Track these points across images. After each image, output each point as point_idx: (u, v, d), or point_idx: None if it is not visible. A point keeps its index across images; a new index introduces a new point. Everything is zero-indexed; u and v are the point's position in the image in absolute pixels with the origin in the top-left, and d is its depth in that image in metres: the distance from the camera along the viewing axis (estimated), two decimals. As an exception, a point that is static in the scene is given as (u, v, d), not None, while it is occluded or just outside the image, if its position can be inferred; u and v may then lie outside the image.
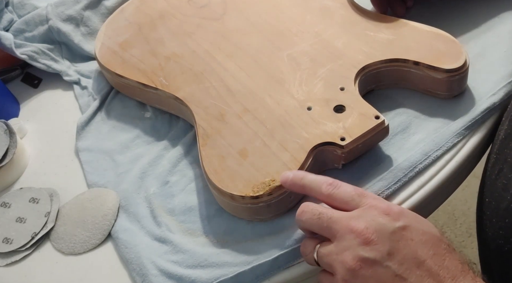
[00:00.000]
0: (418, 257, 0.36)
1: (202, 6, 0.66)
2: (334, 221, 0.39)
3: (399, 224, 0.37)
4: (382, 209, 0.38)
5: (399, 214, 0.38)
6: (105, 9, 0.72)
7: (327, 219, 0.39)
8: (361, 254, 0.36)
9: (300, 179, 0.43)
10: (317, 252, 0.40)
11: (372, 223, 0.37)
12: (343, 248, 0.37)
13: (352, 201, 0.40)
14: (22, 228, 0.53)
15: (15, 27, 0.72)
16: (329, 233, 0.39)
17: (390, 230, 0.37)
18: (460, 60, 0.50)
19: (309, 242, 0.41)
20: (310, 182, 0.43)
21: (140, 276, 0.47)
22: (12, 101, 0.68)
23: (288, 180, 0.44)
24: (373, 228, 0.37)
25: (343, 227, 0.38)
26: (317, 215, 0.40)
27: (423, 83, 0.52)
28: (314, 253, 0.40)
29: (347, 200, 0.40)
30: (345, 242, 0.37)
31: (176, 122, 0.59)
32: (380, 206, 0.39)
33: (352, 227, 0.37)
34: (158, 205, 0.52)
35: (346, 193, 0.40)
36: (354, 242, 0.37)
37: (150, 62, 0.60)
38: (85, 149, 0.60)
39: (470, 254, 1.34)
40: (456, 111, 0.51)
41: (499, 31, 0.57)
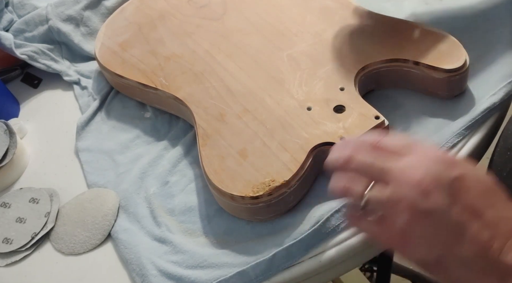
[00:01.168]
0: (477, 207, 0.35)
1: (202, 6, 0.66)
2: (388, 169, 0.37)
3: (457, 172, 0.36)
4: (437, 157, 0.36)
5: (455, 162, 0.36)
6: (105, 9, 0.72)
7: (381, 166, 0.37)
8: (419, 205, 0.35)
9: (348, 141, 0.42)
10: (370, 195, 0.37)
11: (429, 173, 0.35)
12: (399, 197, 0.36)
13: (403, 149, 0.38)
14: (22, 228, 0.53)
15: (15, 27, 0.72)
16: (383, 180, 0.37)
17: (448, 179, 0.35)
18: (460, 60, 0.50)
19: (360, 182, 0.38)
20: (357, 140, 0.40)
21: (139, 276, 0.47)
22: (12, 101, 0.68)
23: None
24: (430, 178, 0.35)
25: (398, 176, 0.36)
26: (371, 161, 0.38)
27: (423, 83, 0.52)
28: (364, 197, 0.38)
29: (398, 149, 0.38)
30: (402, 192, 0.36)
31: (176, 122, 0.59)
32: (435, 154, 0.37)
33: (408, 176, 0.36)
34: (158, 205, 0.52)
35: (396, 142, 0.39)
36: (411, 193, 0.35)
37: (150, 62, 0.60)
38: (85, 149, 0.60)
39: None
40: (456, 111, 0.51)
41: (499, 31, 0.57)
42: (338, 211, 0.46)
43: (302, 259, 0.45)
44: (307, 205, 0.48)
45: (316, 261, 0.45)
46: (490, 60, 0.54)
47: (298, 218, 0.47)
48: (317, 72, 0.53)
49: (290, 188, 0.46)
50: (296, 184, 0.46)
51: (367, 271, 1.16)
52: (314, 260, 0.45)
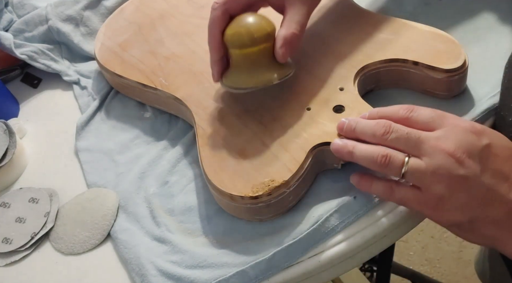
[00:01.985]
0: (504, 171, 0.39)
1: (201, 6, 0.66)
2: (422, 141, 0.40)
3: (485, 141, 0.39)
4: (467, 128, 0.40)
5: (483, 132, 0.40)
6: (104, 9, 0.72)
7: (416, 138, 0.40)
8: (455, 173, 0.39)
9: (376, 112, 0.45)
10: (408, 167, 0.40)
11: (461, 143, 0.39)
12: (436, 167, 0.39)
13: (433, 122, 0.41)
14: (21, 228, 0.53)
15: (15, 27, 0.72)
16: (418, 151, 0.40)
17: (478, 148, 0.39)
18: (459, 60, 0.50)
19: (398, 154, 0.41)
20: (385, 111, 0.44)
21: (139, 276, 0.47)
22: (12, 101, 0.68)
23: (367, 115, 0.46)
24: (463, 147, 0.39)
25: (432, 146, 0.40)
26: (406, 134, 0.41)
27: (422, 83, 0.52)
28: (404, 166, 0.41)
29: (428, 121, 0.41)
30: (437, 161, 0.39)
31: (175, 122, 0.59)
32: (464, 125, 0.40)
33: (443, 147, 0.39)
34: (157, 205, 0.52)
35: (426, 115, 0.42)
36: (447, 162, 0.39)
37: (149, 62, 0.61)
38: (85, 149, 0.60)
39: (470, 254, 1.34)
40: (455, 111, 0.51)
41: (499, 32, 0.57)
42: (337, 211, 0.46)
43: (301, 259, 0.45)
44: (306, 205, 0.48)
45: (316, 261, 0.45)
46: (490, 61, 0.54)
47: (297, 218, 0.47)
48: (316, 72, 0.53)
49: (290, 188, 0.46)
50: (296, 184, 0.46)
51: (367, 271, 1.16)
52: (313, 260, 0.45)
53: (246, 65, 0.49)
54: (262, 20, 0.49)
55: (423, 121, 0.42)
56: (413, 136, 0.41)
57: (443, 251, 1.37)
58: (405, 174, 0.41)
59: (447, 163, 0.39)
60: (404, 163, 0.41)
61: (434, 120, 0.41)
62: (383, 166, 0.42)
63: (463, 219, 0.40)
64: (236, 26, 0.49)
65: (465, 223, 0.40)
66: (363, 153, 0.43)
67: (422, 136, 0.41)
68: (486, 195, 0.39)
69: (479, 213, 0.39)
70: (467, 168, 0.39)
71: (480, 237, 0.41)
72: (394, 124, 0.42)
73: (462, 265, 1.34)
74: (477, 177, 0.39)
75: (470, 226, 0.40)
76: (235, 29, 0.49)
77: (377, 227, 0.46)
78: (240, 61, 0.49)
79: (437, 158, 0.39)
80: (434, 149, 0.40)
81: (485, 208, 0.39)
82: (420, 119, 0.42)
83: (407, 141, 0.41)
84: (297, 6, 0.48)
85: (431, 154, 0.40)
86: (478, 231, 0.40)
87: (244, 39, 0.48)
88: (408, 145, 0.41)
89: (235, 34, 0.48)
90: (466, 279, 1.32)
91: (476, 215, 0.39)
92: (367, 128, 0.43)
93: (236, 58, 0.49)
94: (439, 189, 0.39)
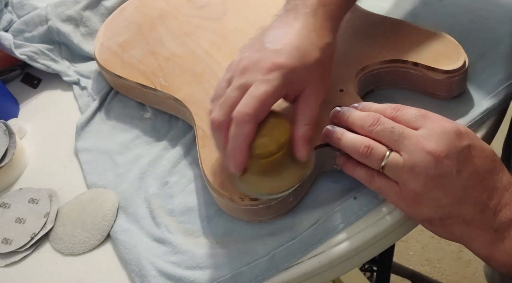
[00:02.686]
0: (480, 173, 0.40)
1: (201, 6, 0.66)
2: (405, 137, 0.41)
3: (466, 143, 0.41)
4: (449, 128, 0.41)
5: (465, 134, 0.41)
6: (104, 9, 0.72)
7: (399, 133, 0.42)
8: (432, 171, 0.40)
9: (368, 108, 0.46)
10: (388, 161, 0.42)
11: (442, 142, 0.40)
12: (414, 163, 0.40)
13: (417, 121, 0.42)
14: (21, 229, 0.53)
15: (15, 27, 0.72)
16: (399, 147, 0.41)
17: (458, 148, 0.40)
18: (459, 61, 0.50)
19: (380, 147, 0.42)
20: (376, 108, 0.45)
21: (139, 277, 0.47)
22: (12, 101, 0.68)
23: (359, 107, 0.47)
24: (443, 146, 0.40)
25: (413, 143, 0.41)
26: (390, 128, 0.42)
27: (422, 84, 0.52)
28: (384, 160, 0.42)
29: (412, 120, 0.42)
30: (416, 158, 0.40)
31: (175, 122, 0.59)
32: (447, 125, 0.41)
33: (422, 145, 0.40)
34: (157, 205, 0.52)
35: (411, 114, 0.43)
36: (425, 159, 0.40)
37: (149, 62, 0.60)
38: (85, 149, 0.60)
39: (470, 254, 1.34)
40: (455, 112, 0.51)
41: (499, 32, 0.57)
42: (337, 212, 0.46)
43: (301, 259, 0.45)
44: (306, 206, 0.48)
45: (316, 262, 0.45)
46: (490, 61, 0.54)
47: (297, 218, 0.47)
48: (316, 72, 0.53)
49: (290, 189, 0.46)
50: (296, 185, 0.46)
51: (367, 271, 1.16)
52: (313, 261, 0.45)
53: (273, 170, 0.44)
54: (282, 119, 0.45)
55: (408, 120, 0.43)
56: (396, 131, 0.42)
57: (443, 251, 1.37)
58: (384, 167, 0.42)
59: (425, 161, 0.40)
60: (384, 157, 0.42)
61: (417, 119, 0.42)
62: (364, 156, 0.43)
63: (435, 216, 0.41)
64: (261, 135, 0.44)
65: (437, 220, 0.41)
66: (349, 141, 0.44)
67: (405, 132, 0.42)
68: (460, 194, 0.40)
69: (452, 212, 0.41)
70: (444, 167, 0.40)
71: (449, 233, 0.42)
72: (382, 118, 0.43)
73: (462, 265, 1.34)
74: (453, 177, 0.40)
75: (441, 222, 0.42)
76: (261, 140, 0.44)
77: (377, 227, 0.46)
78: (268, 167, 0.44)
79: (416, 155, 0.40)
80: (414, 146, 0.41)
81: (459, 207, 0.40)
82: (404, 118, 0.43)
83: (391, 135, 0.42)
84: (310, 98, 0.45)
85: (411, 151, 0.41)
86: (448, 228, 0.42)
87: (272, 148, 0.44)
88: (391, 139, 0.42)
89: (262, 146, 0.44)
90: (466, 279, 1.32)
91: (449, 213, 0.41)
92: (358, 119, 0.45)
93: (262, 165, 0.44)
94: (415, 186, 0.41)
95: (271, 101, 0.44)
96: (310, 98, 0.45)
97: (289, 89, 0.45)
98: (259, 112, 0.43)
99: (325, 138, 0.46)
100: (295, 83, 0.44)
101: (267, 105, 0.43)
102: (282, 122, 0.45)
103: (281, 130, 0.44)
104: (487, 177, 0.41)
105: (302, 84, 0.45)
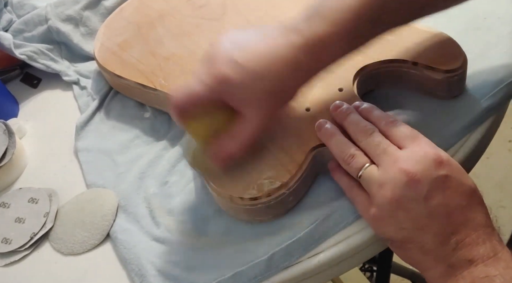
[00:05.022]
0: (450, 206, 0.39)
1: (201, 6, 0.66)
2: (387, 153, 0.42)
3: (443, 172, 0.40)
4: (430, 155, 0.41)
5: (445, 163, 0.41)
6: (104, 9, 0.72)
7: (383, 149, 0.42)
8: (400, 191, 0.40)
9: (368, 112, 0.46)
10: (364, 172, 0.43)
11: (418, 166, 0.40)
12: (387, 180, 0.41)
13: (404, 141, 0.43)
14: (21, 228, 0.53)
15: (14, 27, 0.72)
16: (378, 161, 0.42)
17: (433, 176, 0.40)
18: (459, 61, 0.50)
19: (362, 158, 0.43)
20: (376, 115, 0.46)
21: (138, 277, 0.47)
22: (12, 101, 0.68)
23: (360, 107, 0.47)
24: (418, 170, 0.40)
25: (391, 160, 0.41)
26: (377, 142, 0.43)
27: (422, 83, 0.52)
28: (361, 170, 0.43)
29: (401, 139, 0.43)
30: (389, 175, 0.41)
31: (175, 122, 0.59)
32: (430, 151, 0.41)
33: (400, 164, 0.40)
34: (157, 205, 0.52)
35: (402, 133, 0.43)
36: (397, 178, 0.40)
37: (149, 62, 0.60)
38: (84, 149, 0.60)
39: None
40: (455, 111, 0.51)
41: (499, 32, 0.57)
42: (337, 211, 0.46)
43: (301, 259, 0.45)
44: (306, 205, 0.48)
45: (315, 261, 0.45)
46: (490, 61, 0.54)
47: (297, 218, 0.47)
48: (316, 72, 0.53)
49: (289, 189, 0.46)
50: (295, 185, 0.46)
51: (367, 271, 1.16)
52: (313, 260, 0.45)
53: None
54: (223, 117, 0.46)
55: (397, 137, 0.43)
56: (381, 146, 0.43)
57: (443, 251, 1.37)
58: (360, 177, 0.43)
59: (396, 180, 0.40)
60: (363, 167, 0.43)
61: (406, 139, 0.43)
62: (345, 163, 0.44)
63: (396, 237, 0.41)
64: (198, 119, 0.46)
65: (397, 241, 0.41)
66: (338, 145, 0.45)
67: (389, 149, 0.42)
68: (423, 221, 0.40)
69: (412, 237, 0.40)
70: (413, 190, 0.40)
71: (408, 257, 0.42)
72: (375, 131, 0.44)
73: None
74: (419, 202, 0.39)
75: (401, 245, 0.41)
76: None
77: (376, 227, 0.46)
78: None
79: (389, 172, 0.41)
80: (391, 163, 0.41)
81: (420, 233, 0.40)
82: (394, 134, 0.43)
83: (375, 148, 0.43)
84: (247, 117, 0.44)
85: (387, 168, 0.41)
86: (406, 252, 0.41)
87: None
88: (374, 152, 0.43)
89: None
90: (466, 279, 1.32)
91: (409, 238, 0.40)
92: (354, 124, 0.45)
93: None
94: (381, 201, 0.41)
95: (197, 100, 0.44)
96: (248, 111, 0.44)
97: (227, 99, 0.44)
98: (182, 103, 0.44)
99: (317, 130, 0.47)
100: (233, 97, 0.43)
101: (193, 101, 0.44)
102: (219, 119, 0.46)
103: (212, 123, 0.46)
104: (457, 212, 0.39)
105: (242, 102, 0.44)
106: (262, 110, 0.44)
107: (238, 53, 0.43)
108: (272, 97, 0.43)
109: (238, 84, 0.42)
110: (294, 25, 0.43)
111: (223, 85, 0.43)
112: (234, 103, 0.44)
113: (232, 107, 0.44)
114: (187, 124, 0.46)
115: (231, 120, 0.45)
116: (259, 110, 0.44)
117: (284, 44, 0.42)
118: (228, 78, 0.42)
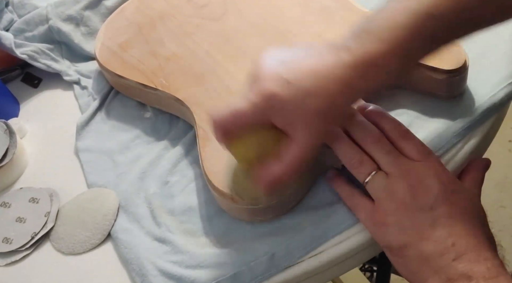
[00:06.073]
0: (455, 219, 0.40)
1: (202, 6, 0.66)
2: (397, 164, 0.42)
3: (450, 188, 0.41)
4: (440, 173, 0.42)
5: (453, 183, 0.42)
6: (105, 9, 0.72)
7: (393, 158, 0.43)
8: (408, 200, 0.41)
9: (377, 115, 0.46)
10: (372, 178, 0.43)
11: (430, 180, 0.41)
12: (393, 190, 0.42)
13: (417, 155, 0.43)
14: (22, 228, 0.53)
15: (15, 27, 0.72)
16: (390, 168, 0.43)
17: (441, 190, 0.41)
18: (460, 61, 0.50)
19: (370, 164, 0.43)
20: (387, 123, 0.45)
21: (139, 276, 0.47)
22: (12, 101, 0.68)
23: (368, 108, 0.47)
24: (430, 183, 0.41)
25: (401, 174, 0.42)
26: (387, 150, 0.43)
27: (423, 83, 0.52)
28: (369, 176, 0.43)
29: (413, 154, 0.43)
30: (398, 185, 0.41)
31: (176, 122, 0.59)
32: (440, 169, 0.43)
33: (409, 177, 0.41)
34: (158, 205, 0.52)
35: (414, 146, 0.44)
36: (405, 190, 0.41)
37: (150, 62, 0.60)
38: (85, 149, 0.60)
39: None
40: (456, 111, 0.51)
41: (499, 32, 0.56)
42: (338, 212, 0.46)
43: (301, 259, 0.45)
44: (307, 205, 0.48)
45: (316, 261, 0.45)
46: (490, 61, 0.54)
47: (297, 218, 0.47)
48: (317, 72, 0.53)
49: (290, 189, 0.46)
50: (296, 185, 0.46)
51: (367, 271, 1.16)
52: (313, 260, 0.45)
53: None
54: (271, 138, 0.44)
55: (409, 151, 0.43)
56: (391, 155, 0.43)
57: (443, 251, 1.37)
58: (367, 182, 0.43)
59: (405, 189, 0.41)
60: (371, 173, 0.43)
61: (418, 153, 0.43)
62: (353, 168, 0.44)
63: (396, 244, 0.41)
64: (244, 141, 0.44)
65: (397, 249, 0.41)
66: (345, 149, 0.45)
67: (399, 160, 0.43)
68: (427, 229, 0.40)
69: (413, 243, 0.40)
70: (420, 199, 0.41)
71: (404, 266, 0.41)
72: (384, 139, 0.44)
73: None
74: (425, 211, 0.40)
75: (400, 252, 0.41)
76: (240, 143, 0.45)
77: (377, 227, 0.46)
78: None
79: (397, 182, 0.42)
80: (400, 176, 0.42)
81: (422, 241, 0.40)
82: (405, 146, 0.44)
83: (386, 156, 0.43)
84: (296, 137, 0.41)
85: (397, 177, 0.42)
86: (405, 260, 0.41)
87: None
88: (385, 160, 0.43)
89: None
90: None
91: (411, 244, 0.40)
92: (361, 129, 0.45)
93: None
94: (388, 207, 0.42)
95: (243, 119, 0.42)
96: (293, 141, 0.41)
97: (274, 119, 0.41)
98: (227, 123, 0.42)
99: None
100: (280, 116, 0.41)
101: (238, 121, 0.42)
102: (265, 141, 0.43)
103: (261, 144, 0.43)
104: (460, 225, 0.40)
105: (289, 121, 0.41)
106: (310, 130, 0.41)
107: (285, 71, 0.40)
108: (320, 115, 0.40)
109: (286, 101, 0.40)
110: (343, 43, 0.40)
111: (271, 102, 0.40)
112: (282, 122, 0.41)
113: (279, 128, 0.42)
114: (231, 145, 0.44)
115: (278, 142, 0.42)
116: (307, 130, 0.41)
117: (332, 61, 0.40)
118: (276, 94, 0.40)
